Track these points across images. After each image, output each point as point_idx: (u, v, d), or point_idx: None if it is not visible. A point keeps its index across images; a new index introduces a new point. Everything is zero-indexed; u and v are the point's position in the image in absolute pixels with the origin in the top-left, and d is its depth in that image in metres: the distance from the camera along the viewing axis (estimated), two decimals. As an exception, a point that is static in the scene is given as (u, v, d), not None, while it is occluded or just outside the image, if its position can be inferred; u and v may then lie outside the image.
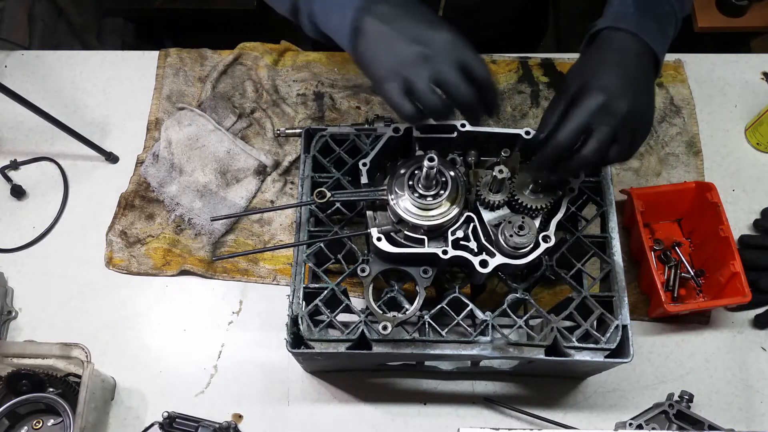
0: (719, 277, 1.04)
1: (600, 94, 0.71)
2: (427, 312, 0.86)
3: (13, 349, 1.00)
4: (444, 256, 0.82)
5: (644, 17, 0.75)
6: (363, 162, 0.89)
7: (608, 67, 0.74)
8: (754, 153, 1.23)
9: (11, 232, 1.17)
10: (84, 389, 0.93)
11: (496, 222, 0.85)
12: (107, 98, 1.29)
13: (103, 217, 1.17)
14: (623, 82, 0.72)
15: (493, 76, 0.72)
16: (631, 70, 0.74)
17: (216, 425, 0.96)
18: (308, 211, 0.94)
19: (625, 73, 0.73)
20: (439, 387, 1.05)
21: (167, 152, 1.18)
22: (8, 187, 1.19)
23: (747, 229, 1.16)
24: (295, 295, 0.89)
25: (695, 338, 1.08)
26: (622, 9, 0.77)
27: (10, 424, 0.99)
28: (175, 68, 1.29)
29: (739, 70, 1.30)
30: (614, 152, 0.74)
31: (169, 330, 1.10)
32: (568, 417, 1.03)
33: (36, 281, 1.14)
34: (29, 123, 1.25)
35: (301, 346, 0.87)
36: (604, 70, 0.74)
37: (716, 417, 0.97)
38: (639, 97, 0.73)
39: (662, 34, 0.76)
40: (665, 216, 1.14)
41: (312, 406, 1.04)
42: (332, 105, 1.25)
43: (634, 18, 0.75)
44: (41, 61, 1.34)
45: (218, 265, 1.13)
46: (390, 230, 0.86)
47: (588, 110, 0.72)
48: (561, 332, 0.86)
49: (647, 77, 0.76)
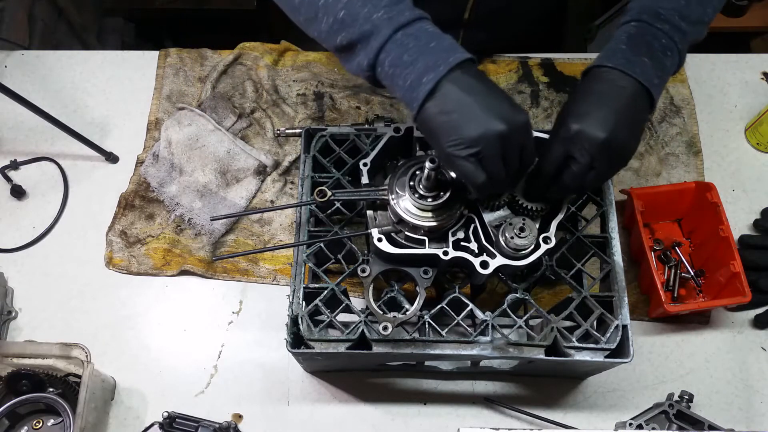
0: (719, 277, 1.04)
1: (575, 123, 0.74)
2: (427, 312, 0.86)
3: (13, 349, 1.00)
4: (444, 257, 0.82)
5: (636, 54, 0.76)
6: (364, 162, 0.89)
7: (588, 97, 0.76)
8: (754, 153, 1.23)
9: (11, 232, 1.17)
10: (84, 389, 0.93)
11: (497, 223, 0.85)
12: (107, 98, 1.29)
13: (103, 217, 1.17)
14: (602, 111, 0.74)
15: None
16: (613, 102, 0.75)
17: (216, 425, 0.96)
18: (308, 211, 0.94)
19: (605, 103, 0.74)
20: (439, 387, 1.05)
21: (167, 152, 1.18)
22: (8, 187, 1.19)
23: (747, 229, 1.16)
24: (295, 295, 0.89)
25: (695, 338, 1.08)
26: (613, 46, 0.78)
27: (10, 424, 0.99)
28: (175, 68, 1.29)
29: (739, 70, 1.30)
30: (591, 177, 0.77)
31: (169, 330, 1.10)
32: (568, 417, 1.03)
33: (36, 281, 1.14)
34: (29, 123, 1.25)
35: (301, 346, 0.87)
36: (584, 100, 0.76)
37: (716, 417, 0.97)
38: (619, 128, 0.73)
39: (657, 69, 0.76)
40: (665, 216, 1.14)
41: (312, 406, 1.04)
42: (332, 105, 1.25)
43: (625, 55, 0.76)
44: (41, 61, 1.34)
45: (218, 265, 1.13)
46: (390, 231, 0.85)
47: (564, 138, 0.75)
48: (561, 332, 0.86)
49: (633, 111, 0.76)
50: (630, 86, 0.75)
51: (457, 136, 0.71)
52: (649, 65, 0.75)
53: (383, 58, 0.74)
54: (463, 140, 0.71)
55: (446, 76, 0.71)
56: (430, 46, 0.72)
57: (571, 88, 1.26)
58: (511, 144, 0.72)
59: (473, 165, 0.72)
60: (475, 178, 0.73)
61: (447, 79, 0.71)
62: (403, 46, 0.72)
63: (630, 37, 0.78)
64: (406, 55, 0.72)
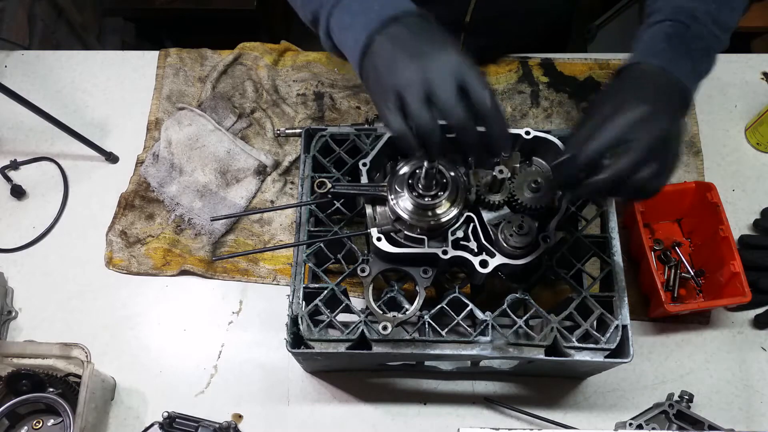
0: (719, 277, 1.04)
1: (643, 105, 0.68)
2: (427, 312, 0.86)
3: (13, 349, 1.00)
4: (444, 256, 0.82)
5: (677, 54, 0.73)
6: (363, 162, 0.89)
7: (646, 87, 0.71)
8: (754, 153, 1.23)
9: (11, 232, 1.17)
10: (84, 389, 0.93)
11: (496, 222, 0.85)
12: (107, 98, 1.29)
13: (103, 217, 1.17)
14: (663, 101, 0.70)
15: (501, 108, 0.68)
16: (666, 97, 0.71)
17: (216, 425, 0.96)
18: (308, 211, 0.94)
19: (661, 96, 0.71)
20: (439, 387, 1.05)
21: (167, 152, 1.18)
22: (8, 187, 1.19)
23: (747, 229, 1.16)
24: (295, 295, 0.89)
25: (695, 338, 1.08)
26: (653, 44, 0.74)
27: (10, 424, 0.99)
28: (175, 68, 1.29)
29: (739, 70, 1.30)
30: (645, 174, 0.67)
31: (169, 330, 1.10)
32: (568, 417, 1.03)
33: (36, 281, 1.14)
34: (29, 123, 1.25)
35: (301, 346, 0.87)
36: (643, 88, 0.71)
37: (716, 417, 0.97)
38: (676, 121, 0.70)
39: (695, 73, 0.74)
40: (665, 216, 1.14)
41: (312, 406, 1.04)
42: (332, 105, 1.25)
43: (666, 54, 0.73)
44: (41, 61, 1.34)
45: (218, 265, 1.13)
46: (390, 230, 0.85)
47: (629, 120, 0.67)
48: (561, 332, 0.86)
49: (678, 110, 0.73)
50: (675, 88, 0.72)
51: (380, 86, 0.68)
52: (690, 67, 0.73)
53: (333, 25, 0.74)
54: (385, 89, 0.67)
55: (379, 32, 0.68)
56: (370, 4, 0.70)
57: (571, 88, 1.26)
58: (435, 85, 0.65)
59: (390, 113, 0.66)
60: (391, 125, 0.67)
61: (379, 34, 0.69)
62: (347, 9, 0.72)
63: (669, 37, 0.75)
64: (348, 17, 0.72)
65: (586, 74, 1.28)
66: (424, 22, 0.70)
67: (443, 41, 0.67)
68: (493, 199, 0.84)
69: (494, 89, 1.26)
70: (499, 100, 1.25)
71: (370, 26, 0.69)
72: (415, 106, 0.65)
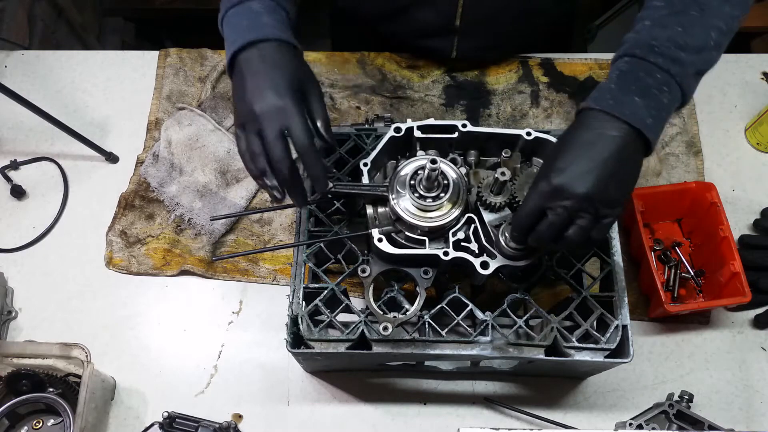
0: (719, 277, 1.04)
1: (555, 177, 0.71)
2: (427, 312, 0.86)
3: (13, 349, 1.00)
4: (445, 258, 0.82)
5: (625, 93, 0.71)
6: (364, 162, 0.89)
7: (571, 148, 0.72)
8: (754, 153, 1.23)
9: (11, 232, 1.17)
10: (84, 389, 0.93)
11: (497, 223, 0.85)
12: (107, 98, 1.29)
13: (103, 217, 1.17)
14: (585, 164, 0.70)
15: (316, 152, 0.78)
16: (599, 152, 0.70)
17: (216, 425, 0.96)
18: (308, 211, 0.94)
19: (589, 154, 0.70)
20: (439, 387, 1.05)
21: (167, 152, 1.18)
22: (8, 187, 1.19)
23: (747, 229, 1.16)
24: (295, 295, 0.89)
25: (695, 338, 1.08)
26: (603, 85, 0.74)
27: (10, 424, 0.99)
28: (175, 68, 1.29)
29: (739, 70, 1.30)
30: (574, 232, 0.72)
31: (169, 330, 1.10)
32: (568, 417, 1.03)
33: (36, 281, 1.14)
34: (29, 123, 1.25)
35: (301, 346, 0.87)
36: (566, 152, 0.72)
37: (716, 417, 0.97)
38: (603, 179, 0.70)
39: (651, 108, 0.71)
40: (665, 216, 1.14)
41: (312, 406, 1.04)
42: (332, 105, 1.25)
43: (613, 95, 0.71)
44: (41, 61, 1.34)
45: (218, 265, 1.13)
46: (391, 231, 0.85)
47: (540, 193, 0.72)
48: (561, 332, 0.86)
49: (622, 158, 0.71)
50: (618, 131, 0.70)
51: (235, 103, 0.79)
52: (641, 104, 0.71)
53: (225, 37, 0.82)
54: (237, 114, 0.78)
55: (240, 54, 0.78)
56: (243, 24, 0.79)
57: (571, 88, 1.26)
58: (263, 127, 0.75)
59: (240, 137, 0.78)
60: (238, 147, 0.78)
61: (240, 57, 0.78)
62: (230, 25, 0.81)
63: (620, 75, 0.73)
64: (228, 29, 0.81)
65: (586, 74, 1.28)
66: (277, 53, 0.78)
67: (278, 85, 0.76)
68: (495, 200, 0.84)
69: (493, 89, 1.26)
70: (499, 100, 1.25)
71: (236, 45, 0.78)
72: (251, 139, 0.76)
